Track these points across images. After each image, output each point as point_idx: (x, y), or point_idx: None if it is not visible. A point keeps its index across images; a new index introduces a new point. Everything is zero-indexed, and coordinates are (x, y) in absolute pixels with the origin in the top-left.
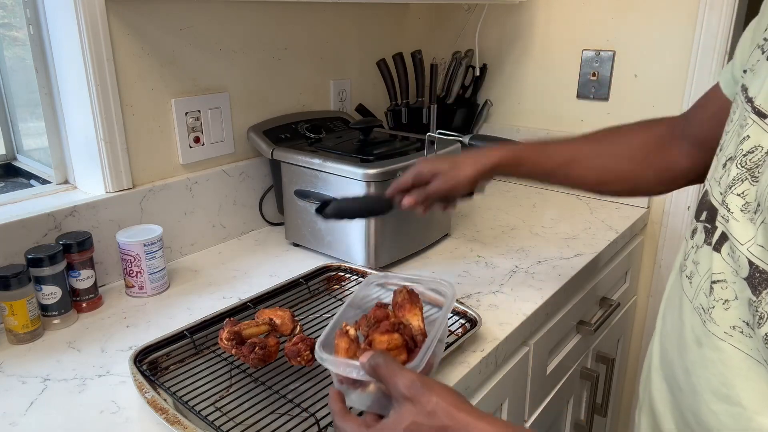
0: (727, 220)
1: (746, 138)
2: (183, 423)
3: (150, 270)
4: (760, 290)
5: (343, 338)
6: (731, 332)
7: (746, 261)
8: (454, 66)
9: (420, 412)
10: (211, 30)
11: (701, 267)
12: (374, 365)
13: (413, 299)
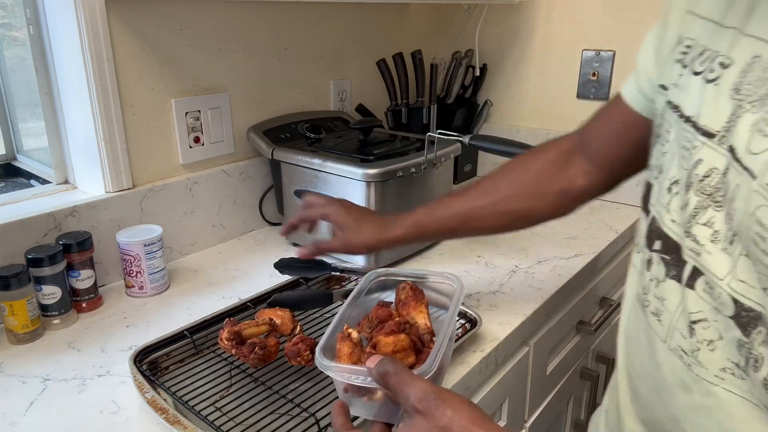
0: (699, 253)
1: (699, 162)
2: (183, 423)
3: (150, 270)
4: (749, 330)
5: (346, 342)
6: (722, 375)
7: (729, 299)
8: (454, 66)
9: (432, 428)
10: (211, 30)
11: (669, 304)
12: (383, 373)
13: (418, 296)
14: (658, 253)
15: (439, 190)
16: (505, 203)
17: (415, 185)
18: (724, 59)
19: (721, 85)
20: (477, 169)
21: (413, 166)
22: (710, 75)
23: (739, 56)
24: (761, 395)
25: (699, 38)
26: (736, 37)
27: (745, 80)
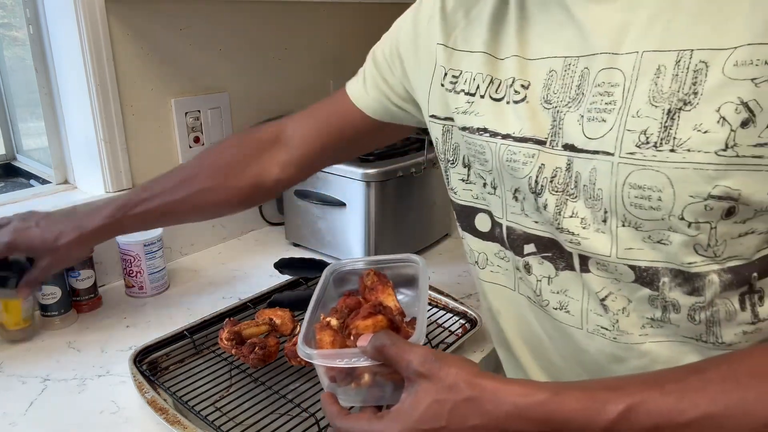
0: (578, 243)
1: (542, 167)
2: (183, 423)
3: (150, 270)
4: (656, 284)
5: (326, 331)
6: (644, 331)
7: (625, 267)
8: None
9: (440, 389)
10: (211, 30)
11: (573, 293)
12: (379, 346)
13: (383, 280)
14: (535, 255)
15: (439, 190)
16: (200, 196)
17: (415, 185)
18: (523, 82)
19: (531, 101)
20: None
21: (413, 166)
22: (516, 97)
23: (534, 76)
24: (686, 330)
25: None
26: (521, 62)
27: (549, 92)
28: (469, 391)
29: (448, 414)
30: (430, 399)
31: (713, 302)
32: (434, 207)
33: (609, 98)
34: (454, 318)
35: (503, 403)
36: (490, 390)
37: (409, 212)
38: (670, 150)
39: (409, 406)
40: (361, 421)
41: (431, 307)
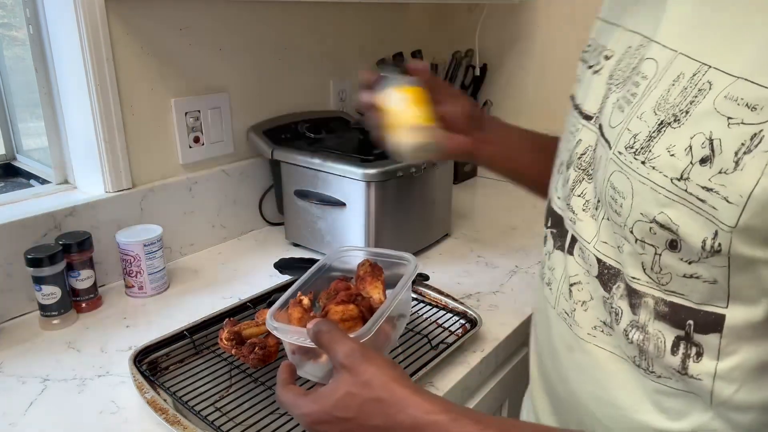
0: (575, 222)
1: (579, 142)
2: (183, 423)
3: (150, 270)
4: (610, 286)
5: (297, 308)
6: (593, 333)
7: (594, 259)
8: (454, 66)
9: (355, 383)
10: (211, 30)
11: (557, 272)
12: (316, 332)
13: (375, 272)
14: (549, 229)
15: (439, 190)
16: None
17: (415, 185)
18: (608, 52)
19: (601, 74)
20: (477, 169)
21: (413, 166)
22: (597, 67)
23: (618, 48)
24: (625, 346)
25: (597, 37)
26: (617, 31)
27: (618, 67)
28: (380, 392)
29: (357, 408)
30: (344, 390)
31: (646, 328)
32: (434, 207)
33: (635, 89)
34: (454, 318)
35: (404, 413)
36: (399, 397)
37: (409, 212)
38: (642, 162)
39: (328, 391)
40: (291, 393)
41: (431, 307)
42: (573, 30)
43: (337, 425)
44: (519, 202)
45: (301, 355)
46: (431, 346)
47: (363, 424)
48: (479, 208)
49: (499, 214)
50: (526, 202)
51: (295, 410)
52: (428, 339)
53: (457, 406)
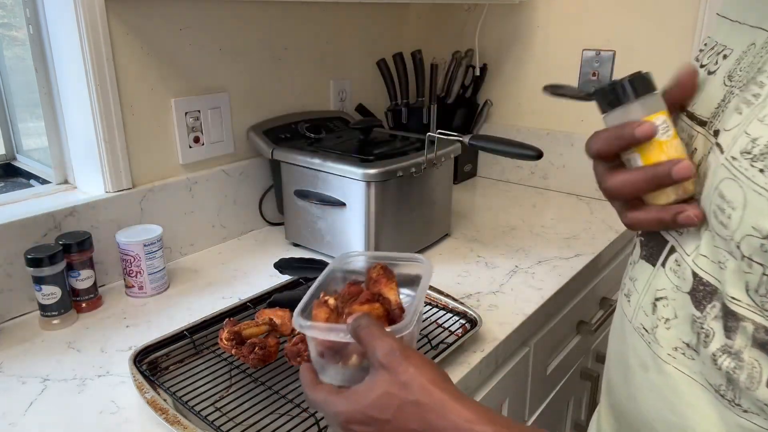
0: (681, 233)
1: (694, 151)
2: (183, 423)
3: (150, 270)
4: (704, 305)
5: (322, 308)
6: (674, 354)
7: (690, 273)
8: (454, 66)
9: (394, 383)
10: (211, 30)
11: (639, 284)
12: (356, 327)
13: (388, 274)
14: (638, 237)
15: (439, 190)
16: None
17: (415, 185)
18: (726, 51)
19: (717, 74)
20: (477, 169)
21: (413, 166)
22: (713, 67)
23: (737, 45)
24: (709, 372)
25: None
26: (737, 28)
27: (738, 67)
28: (419, 394)
29: (395, 410)
30: (382, 390)
31: (740, 355)
32: (434, 207)
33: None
34: (454, 318)
35: (444, 420)
36: (438, 401)
37: (409, 212)
38: (760, 170)
39: (364, 390)
40: (323, 392)
41: (431, 307)
42: (573, 30)
43: (372, 426)
44: (519, 202)
45: (329, 357)
46: (431, 346)
47: (399, 427)
48: (479, 208)
49: (499, 214)
50: (526, 202)
51: (328, 408)
52: (428, 339)
53: (501, 417)
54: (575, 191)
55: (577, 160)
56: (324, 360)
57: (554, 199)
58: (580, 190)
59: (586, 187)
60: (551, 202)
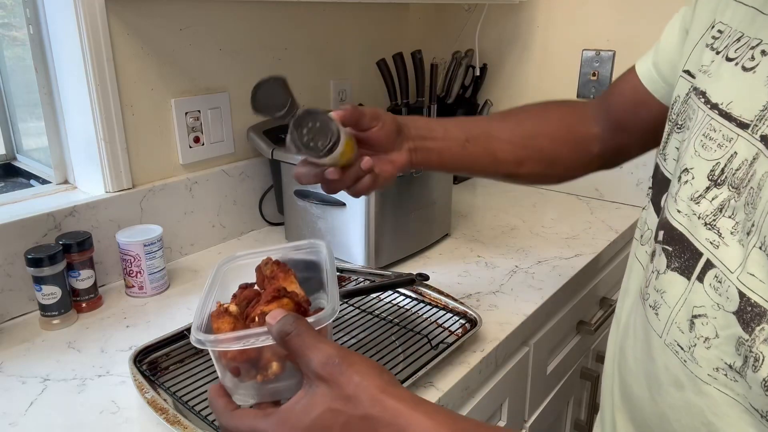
0: (717, 246)
1: (734, 155)
2: (183, 423)
3: (150, 270)
4: (752, 327)
5: (224, 318)
6: (715, 375)
7: (736, 292)
8: (454, 66)
9: (338, 397)
10: (211, 30)
11: (668, 297)
12: (282, 333)
13: (283, 268)
14: (661, 244)
15: (439, 190)
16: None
17: (415, 185)
18: (764, 46)
19: (758, 72)
20: None
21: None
22: (749, 63)
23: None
24: (757, 398)
25: (734, 24)
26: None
27: None
28: (369, 407)
29: (341, 427)
30: (324, 407)
31: None
32: (434, 207)
33: None
34: (454, 318)
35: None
36: (391, 413)
37: (409, 212)
38: None
39: (301, 409)
40: (247, 418)
41: (431, 307)
42: (573, 30)
43: None
44: (519, 202)
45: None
46: (431, 346)
47: None
48: (479, 208)
49: (499, 214)
50: (526, 202)
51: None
52: (428, 339)
53: (464, 420)
54: (575, 191)
55: None
56: (236, 378)
57: (554, 199)
58: (580, 190)
59: (586, 187)
60: (551, 202)
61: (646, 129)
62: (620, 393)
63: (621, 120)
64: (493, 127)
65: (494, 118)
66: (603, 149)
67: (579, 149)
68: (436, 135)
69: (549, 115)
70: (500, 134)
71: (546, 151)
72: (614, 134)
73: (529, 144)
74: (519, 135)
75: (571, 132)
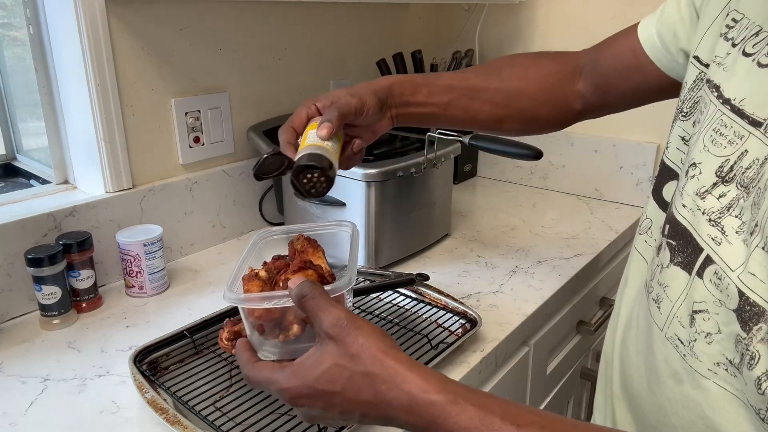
0: (719, 243)
1: (745, 153)
2: (183, 423)
3: (150, 270)
4: (750, 326)
5: (254, 281)
6: (715, 369)
7: (735, 291)
8: (454, 66)
9: (343, 354)
10: (211, 30)
11: (670, 291)
12: (300, 295)
13: (313, 244)
14: (666, 238)
15: (439, 190)
16: (510, 95)
17: (415, 185)
18: None
19: None
20: (477, 169)
21: (413, 166)
22: (765, 59)
23: None
24: (752, 394)
25: (752, 15)
26: None
27: None
28: (370, 365)
29: (345, 381)
30: (331, 362)
31: None
32: (434, 207)
33: None
34: (454, 318)
35: (397, 390)
36: (390, 371)
37: (409, 212)
38: None
39: (311, 363)
40: (264, 369)
41: (431, 307)
42: (573, 30)
43: (321, 399)
44: (519, 202)
45: (268, 331)
46: (431, 346)
47: (350, 399)
48: (479, 208)
49: (499, 214)
50: (526, 202)
51: (272, 386)
52: (428, 339)
53: (456, 385)
54: (575, 191)
55: (577, 160)
56: (261, 336)
57: (554, 199)
58: (580, 190)
59: (586, 187)
60: (551, 202)
61: (636, 93)
62: (620, 383)
63: (611, 81)
64: (477, 85)
65: (480, 73)
66: (585, 106)
67: (560, 108)
68: (418, 99)
69: (534, 72)
70: (482, 94)
71: (526, 111)
72: (600, 93)
73: (510, 104)
74: (501, 94)
75: (553, 92)
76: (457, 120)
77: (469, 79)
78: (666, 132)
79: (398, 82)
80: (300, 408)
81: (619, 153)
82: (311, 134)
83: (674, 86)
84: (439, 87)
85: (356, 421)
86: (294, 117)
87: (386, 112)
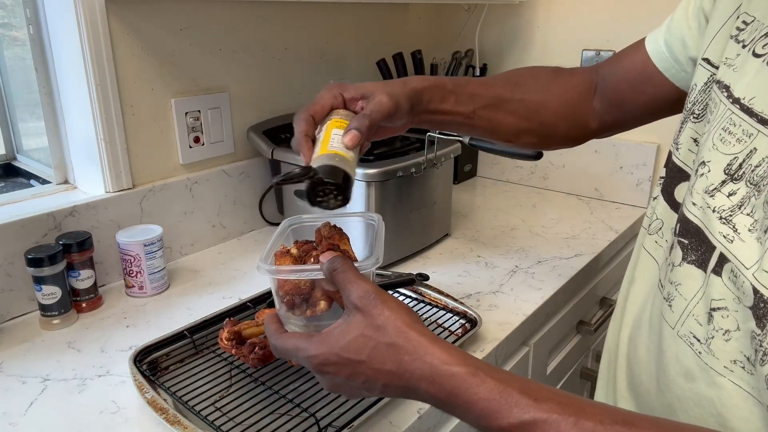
0: (732, 240)
1: (754, 151)
2: (183, 423)
3: (150, 270)
4: (765, 322)
5: (286, 257)
6: (732, 367)
7: (750, 288)
8: (454, 66)
9: (369, 325)
10: (211, 30)
11: (685, 289)
12: (331, 269)
13: (340, 231)
14: (678, 237)
15: (439, 190)
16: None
17: (415, 185)
18: None
19: None
20: (477, 169)
21: (413, 166)
22: None
23: None
24: (764, 392)
25: (762, 17)
26: None
27: None
28: (394, 336)
29: (370, 351)
30: (357, 332)
31: None
32: (434, 207)
33: None
34: (454, 318)
35: (420, 361)
36: (414, 343)
37: (409, 212)
38: None
39: (339, 333)
40: (292, 339)
41: (431, 307)
42: (573, 30)
43: (347, 367)
44: (519, 202)
45: (297, 305)
46: None
47: (374, 368)
48: (479, 208)
49: (499, 214)
50: (526, 202)
51: (300, 353)
52: None
53: (476, 360)
54: (575, 191)
55: (577, 160)
56: (289, 312)
57: (554, 199)
58: (580, 190)
59: (586, 187)
60: (551, 202)
61: (646, 106)
62: (627, 382)
63: (623, 95)
64: (503, 96)
65: (506, 83)
66: (600, 125)
67: (578, 124)
68: (445, 108)
69: (556, 86)
70: (507, 105)
71: (546, 125)
72: (612, 109)
73: (531, 117)
74: (524, 106)
75: (573, 107)
76: (477, 129)
77: (496, 88)
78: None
79: (429, 87)
80: (325, 375)
81: (619, 153)
82: (335, 135)
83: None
84: (466, 95)
85: (378, 391)
86: (316, 104)
87: (411, 117)
